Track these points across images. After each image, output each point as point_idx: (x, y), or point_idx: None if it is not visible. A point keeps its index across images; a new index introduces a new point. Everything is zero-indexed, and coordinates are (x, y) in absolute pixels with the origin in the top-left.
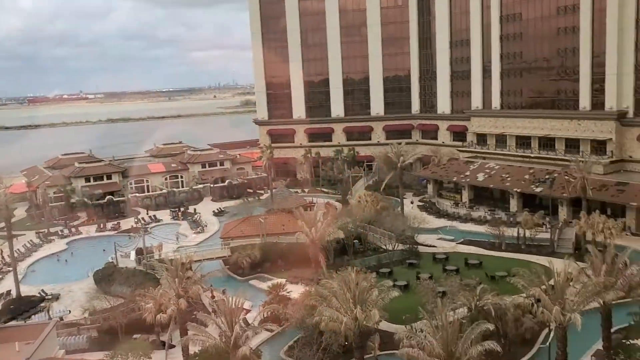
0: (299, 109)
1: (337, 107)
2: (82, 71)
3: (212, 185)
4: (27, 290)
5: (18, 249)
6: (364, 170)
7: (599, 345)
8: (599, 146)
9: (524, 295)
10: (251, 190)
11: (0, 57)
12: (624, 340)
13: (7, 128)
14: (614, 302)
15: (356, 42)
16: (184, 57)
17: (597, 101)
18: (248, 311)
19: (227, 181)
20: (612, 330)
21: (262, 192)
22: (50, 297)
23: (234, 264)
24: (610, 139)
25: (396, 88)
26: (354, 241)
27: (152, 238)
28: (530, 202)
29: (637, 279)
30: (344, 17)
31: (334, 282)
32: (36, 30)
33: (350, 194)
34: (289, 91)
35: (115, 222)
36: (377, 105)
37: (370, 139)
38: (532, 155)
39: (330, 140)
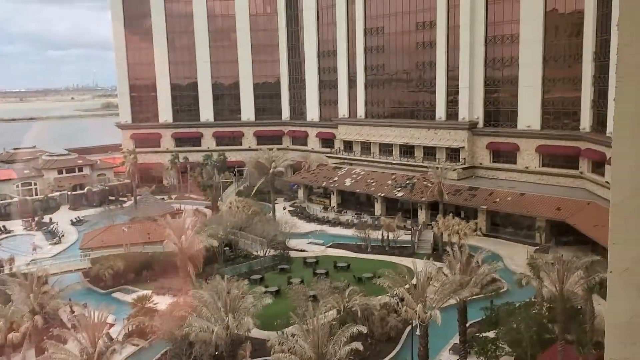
0: (165, 112)
1: (206, 112)
2: None
3: (69, 193)
4: None
5: None
6: (234, 175)
7: (456, 339)
8: (453, 154)
9: (389, 295)
10: (113, 198)
11: None
12: (477, 334)
13: None
14: (468, 299)
15: (226, 47)
16: (38, 55)
17: (452, 112)
18: (112, 325)
19: (86, 188)
20: (467, 325)
21: (125, 199)
22: None
23: (95, 276)
24: (463, 147)
25: (267, 94)
26: (225, 248)
27: (2, 250)
28: (393, 206)
29: (489, 277)
30: (213, 21)
31: (204, 292)
32: None
33: (220, 200)
34: (155, 94)
35: None
36: (247, 111)
37: (241, 144)
38: (394, 162)
39: (199, 145)
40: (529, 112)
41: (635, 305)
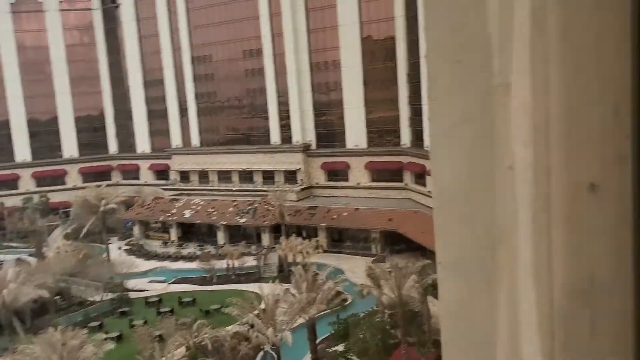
0: None
1: (22, 151)
2: None
3: None
4: None
5: None
6: (60, 218)
7: (308, 357)
8: (291, 176)
9: (239, 323)
10: None
11: None
12: (327, 349)
13: None
14: (316, 316)
15: (40, 80)
16: None
17: (286, 136)
18: None
19: None
20: (317, 341)
21: None
22: None
23: None
24: (300, 168)
25: (90, 128)
26: (56, 297)
27: None
28: (236, 233)
29: (333, 292)
30: (23, 53)
31: (36, 347)
32: None
33: (46, 245)
34: None
35: None
36: (70, 147)
37: (64, 183)
38: (234, 188)
39: (17, 188)
40: (356, 131)
41: (460, 289)
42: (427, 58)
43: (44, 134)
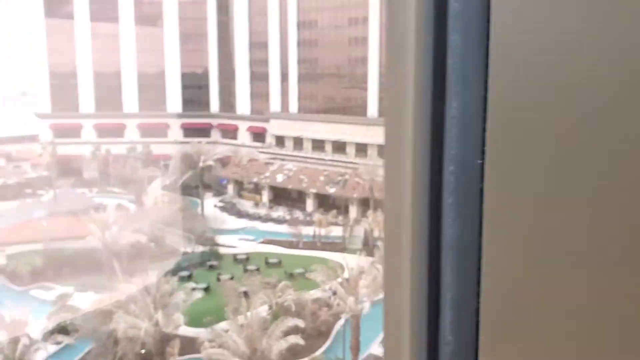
0: (87, 102)
1: (130, 102)
2: None
3: None
4: None
5: None
6: (160, 169)
7: None
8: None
9: (322, 289)
10: (30, 191)
11: None
12: None
13: None
14: None
15: (152, 35)
16: None
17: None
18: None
19: (1, 180)
20: None
21: (43, 192)
22: None
23: (12, 272)
24: None
25: (195, 85)
26: (151, 244)
27: None
28: (325, 202)
29: None
30: (139, 8)
31: (132, 287)
32: None
33: (145, 194)
34: (76, 82)
35: None
36: (174, 102)
37: (166, 136)
38: (326, 158)
39: (123, 137)
40: None
41: None
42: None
43: (151, 87)
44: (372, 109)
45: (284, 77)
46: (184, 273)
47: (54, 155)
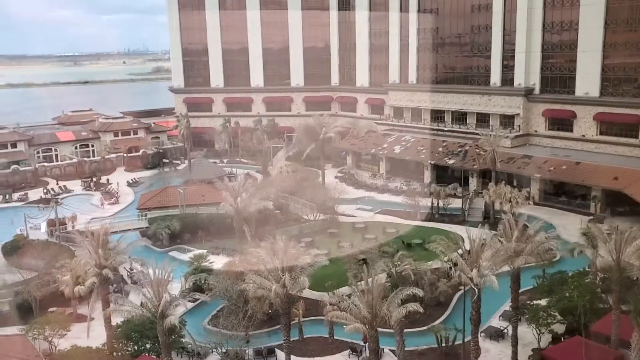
0: (217, 77)
1: (256, 77)
2: None
3: (125, 155)
4: None
5: None
6: (284, 141)
7: (506, 306)
8: (507, 120)
9: (442, 260)
10: (167, 161)
11: None
12: (528, 302)
13: None
14: (522, 266)
15: (276, 11)
16: (91, 19)
17: (507, 77)
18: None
19: (141, 150)
20: (519, 291)
21: (178, 162)
22: None
23: (153, 235)
24: (518, 114)
25: (316, 59)
26: (276, 211)
27: (64, 209)
28: (443, 173)
29: (545, 246)
30: None
31: (261, 250)
32: None
33: (270, 164)
34: (207, 59)
35: (23, 193)
36: (297, 76)
37: (290, 110)
38: (445, 128)
39: (250, 111)
40: (588, 78)
41: None
42: None
43: (275, 62)
44: (495, 77)
45: (403, 48)
46: (306, 239)
47: (188, 128)
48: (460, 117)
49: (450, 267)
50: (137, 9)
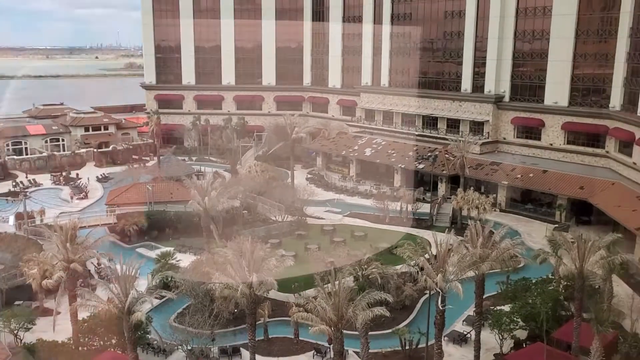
0: (188, 74)
1: (227, 75)
2: None
3: (95, 150)
4: None
5: None
6: (253, 140)
7: (470, 311)
8: (477, 127)
9: (409, 264)
10: (137, 157)
11: None
12: (491, 307)
13: None
14: (487, 273)
15: (250, 10)
16: (64, 13)
17: (478, 84)
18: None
19: (111, 146)
20: (483, 297)
21: (148, 158)
22: None
23: (121, 231)
24: (488, 120)
25: (288, 59)
26: (244, 211)
27: (33, 202)
28: (413, 177)
29: (510, 252)
30: None
31: (228, 251)
32: None
33: (239, 163)
34: (179, 56)
35: None
36: (268, 75)
37: (260, 108)
38: (416, 133)
39: (220, 109)
40: (557, 87)
41: None
42: None
43: (247, 61)
44: (466, 83)
45: (376, 51)
46: (273, 241)
47: (158, 124)
48: (431, 121)
49: (417, 272)
50: (111, 4)
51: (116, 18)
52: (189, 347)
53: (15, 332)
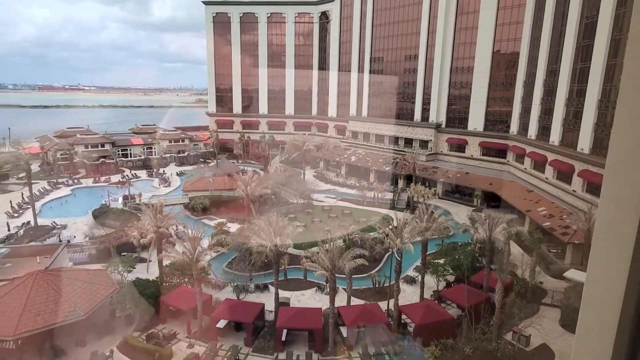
0: (237, 106)
1: (262, 107)
2: (81, 69)
3: (175, 155)
4: (42, 221)
5: (34, 193)
6: (279, 150)
7: (418, 263)
8: (424, 144)
9: (378, 232)
10: (203, 160)
11: (17, 54)
12: (432, 260)
13: (22, 106)
14: (429, 238)
15: (278, 65)
16: (156, 65)
17: (425, 116)
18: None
19: (186, 153)
20: (427, 254)
21: (210, 161)
22: (59, 227)
23: (191, 208)
24: (431, 139)
25: (302, 97)
26: (272, 196)
27: (134, 189)
28: (382, 176)
29: (444, 225)
30: (270, 48)
31: (261, 222)
32: (47, 37)
33: (269, 165)
34: (231, 95)
35: (107, 177)
36: (289, 108)
37: (284, 129)
38: (384, 147)
39: (257, 129)
40: (476, 118)
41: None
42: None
43: (276, 98)
44: (417, 115)
45: (360, 93)
46: (291, 216)
47: (217, 139)
48: (394, 139)
49: (384, 237)
50: (188, 60)
51: (190, 69)
52: (235, 284)
53: (121, 273)
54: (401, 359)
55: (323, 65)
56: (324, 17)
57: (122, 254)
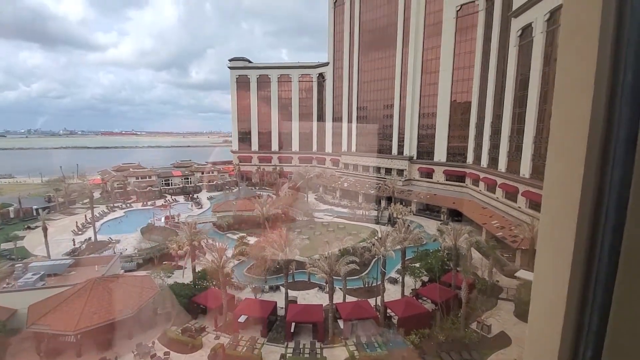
0: (255, 145)
1: (274, 145)
2: (135, 119)
3: (206, 184)
4: (100, 237)
5: (95, 215)
6: (287, 179)
7: (398, 266)
8: (400, 172)
9: (366, 241)
10: (227, 187)
11: (87, 108)
12: (410, 264)
13: (88, 147)
14: (407, 246)
15: (286, 113)
16: (193, 115)
17: (400, 150)
18: (226, 250)
19: (215, 182)
20: (406, 259)
21: (234, 188)
22: (114, 241)
23: (219, 225)
24: (405, 169)
25: (304, 137)
26: (282, 215)
27: (174, 210)
28: (368, 197)
29: (418, 236)
30: (280, 101)
31: (274, 235)
32: (110, 95)
33: (280, 191)
34: (250, 136)
35: (153, 202)
36: (295, 145)
37: (291, 162)
38: (370, 175)
39: (270, 162)
40: (440, 152)
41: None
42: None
43: (285, 138)
44: (394, 150)
45: (349, 134)
46: (298, 230)
47: (239, 170)
48: (377, 169)
49: (371, 246)
50: (217, 110)
51: (219, 117)
52: (253, 286)
53: (162, 278)
54: (387, 346)
55: (321, 113)
56: (321, 77)
57: (163, 262)
